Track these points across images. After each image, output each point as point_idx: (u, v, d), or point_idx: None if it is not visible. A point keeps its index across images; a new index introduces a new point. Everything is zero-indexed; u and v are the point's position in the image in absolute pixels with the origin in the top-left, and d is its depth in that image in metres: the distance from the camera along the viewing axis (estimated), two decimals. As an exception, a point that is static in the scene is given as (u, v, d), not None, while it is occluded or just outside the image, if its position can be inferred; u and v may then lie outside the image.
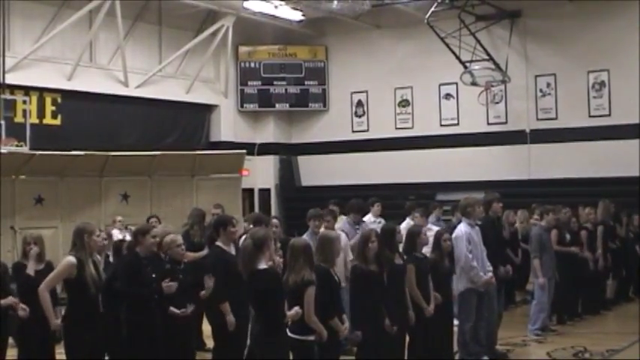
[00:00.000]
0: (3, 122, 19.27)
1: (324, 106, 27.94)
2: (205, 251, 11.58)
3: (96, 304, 8.57)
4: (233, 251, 9.89)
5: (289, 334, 8.21)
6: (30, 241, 9.59)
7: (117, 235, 13.92)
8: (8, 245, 17.23)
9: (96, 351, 8.49)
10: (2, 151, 18.34)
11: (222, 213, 13.76)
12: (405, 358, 10.34)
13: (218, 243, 9.87)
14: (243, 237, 10.07)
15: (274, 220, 12.44)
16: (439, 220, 16.39)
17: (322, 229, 11.86)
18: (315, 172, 27.70)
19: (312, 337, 8.25)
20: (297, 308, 8.11)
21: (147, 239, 9.35)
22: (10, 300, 9.04)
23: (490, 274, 11.54)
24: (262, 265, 8.17)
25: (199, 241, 12.64)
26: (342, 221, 13.62)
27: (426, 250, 11.08)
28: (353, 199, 14.42)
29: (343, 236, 11.97)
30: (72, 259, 8.33)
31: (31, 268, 9.39)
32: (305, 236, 11.62)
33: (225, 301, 9.38)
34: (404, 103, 26.60)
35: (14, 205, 18.55)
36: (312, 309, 8.19)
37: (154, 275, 9.21)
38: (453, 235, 11.37)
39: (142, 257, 9.30)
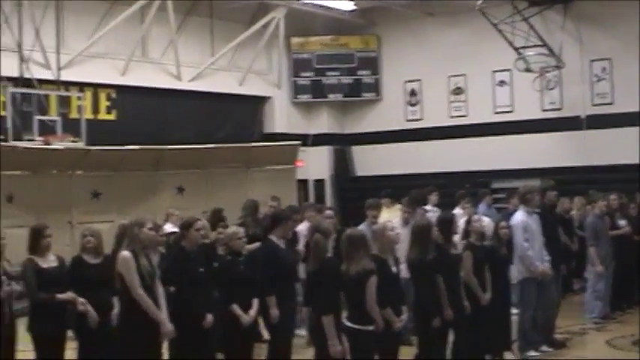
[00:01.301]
0: (59, 118, 19.56)
1: (377, 95, 27.86)
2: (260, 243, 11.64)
3: (152, 295, 8.53)
4: (283, 245, 9.95)
5: (347, 323, 8.24)
6: (87, 235, 9.65)
7: (170, 228, 13.94)
8: (66, 240, 17.39)
9: (153, 343, 8.49)
10: (59, 147, 18.58)
11: (278, 206, 13.78)
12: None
13: (271, 236, 9.92)
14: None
15: (329, 212, 12.43)
16: (490, 207, 16.24)
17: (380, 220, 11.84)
18: (370, 161, 27.65)
19: (370, 327, 8.26)
20: None
21: (191, 232, 9.29)
22: (68, 295, 9.08)
23: (547, 263, 11.41)
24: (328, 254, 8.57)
25: (254, 233, 12.65)
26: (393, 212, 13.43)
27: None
28: (413, 189, 14.32)
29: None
30: (126, 252, 8.35)
31: (88, 262, 9.46)
32: (362, 226, 11.60)
33: (273, 294, 9.45)
34: (457, 90, 26.44)
35: (71, 200, 18.76)
36: (374, 298, 8.23)
37: (201, 270, 9.19)
38: (510, 223, 11.27)
39: (189, 251, 9.26)
